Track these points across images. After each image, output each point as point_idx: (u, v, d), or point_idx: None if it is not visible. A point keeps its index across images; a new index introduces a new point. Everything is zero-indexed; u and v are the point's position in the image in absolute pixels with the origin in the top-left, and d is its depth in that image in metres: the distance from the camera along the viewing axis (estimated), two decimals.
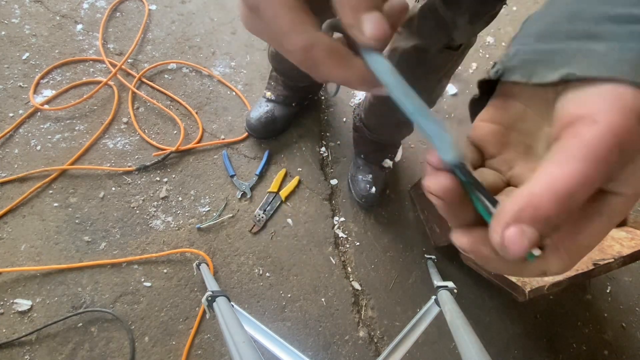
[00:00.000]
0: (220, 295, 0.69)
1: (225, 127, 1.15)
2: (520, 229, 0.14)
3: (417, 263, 1.04)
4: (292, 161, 1.13)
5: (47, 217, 0.99)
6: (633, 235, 0.82)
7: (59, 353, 0.87)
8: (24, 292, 0.92)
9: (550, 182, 0.14)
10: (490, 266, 0.18)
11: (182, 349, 0.90)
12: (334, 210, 1.09)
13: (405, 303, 1.00)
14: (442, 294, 0.71)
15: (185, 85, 1.20)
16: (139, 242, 0.99)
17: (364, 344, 0.95)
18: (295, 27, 0.18)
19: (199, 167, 1.09)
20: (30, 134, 1.08)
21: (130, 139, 1.10)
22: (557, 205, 0.14)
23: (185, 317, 0.93)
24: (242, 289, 0.97)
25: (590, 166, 0.14)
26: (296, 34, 0.18)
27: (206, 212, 1.04)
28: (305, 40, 0.18)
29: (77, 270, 0.95)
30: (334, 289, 1.00)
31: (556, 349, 0.99)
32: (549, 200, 0.14)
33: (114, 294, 0.93)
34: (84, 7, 1.27)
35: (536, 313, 1.02)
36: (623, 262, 0.72)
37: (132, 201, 1.03)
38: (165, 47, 1.24)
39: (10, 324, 0.89)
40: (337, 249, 1.05)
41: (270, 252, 1.02)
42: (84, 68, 1.18)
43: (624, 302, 1.04)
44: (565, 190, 0.14)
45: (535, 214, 0.14)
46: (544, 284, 0.69)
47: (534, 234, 0.14)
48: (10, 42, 1.19)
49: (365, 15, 0.17)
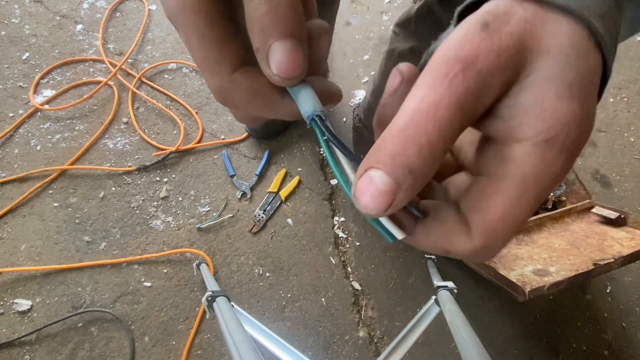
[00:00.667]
0: (220, 295, 0.69)
1: (225, 127, 1.15)
2: (367, 176, 0.12)
3: (417, 263, 1.04)
4: (292, 161, 1.13)
5: (47, 217, 0.99)
6: (633, 235, 0.81)
7: (59, 353, 0.87)
8: (24, 292, 0.92)
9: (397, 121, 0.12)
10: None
11: (182, 349, 0.90)
12: (334, 210, 1.09)
13: (405, 303, 1.00)
14: (442, 294, 0.71)
15: (185, 85, 1.20)
16: (139, 242, 0.99)
17: (364, 344, 0.95)
18: (208, 65, 0.15)
19: (199, 167, 1.09)
20: (30, 134, 1.08)
21: (130, 139, 1.10)
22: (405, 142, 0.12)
23: (185, 317, 0.93)
24: (242, 289, 0.97)
25: (434, 88, 0.12)
26: (210, 74, 0.15)
27: (206, 212, 1.04)
28: (218, 84, 0.15)
29: (77, 270, 0.95)
30: (334, 289, 1.00)
31: (556, 349, 0.98)
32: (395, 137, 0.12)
33: (114, 294, 0.93)
34: (84, 7, 1.27)
35: (536, 313, 1.02)
36: (623, 262, 0.72)
37: (132, 201, 1.03)
38: (165, 47, 1.24)
39: (10, 324, 0.89)
40: (337, 249, 1.05)
41: (270, 252, 1.02)
42: (84, 68, 1.18)
43: (624, 302, 1.04)
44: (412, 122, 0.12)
45: (383, 157, 0.12)
46: (544, 284, 0.69)
47: (385, 179, 0.12)
48: (10, 42, 1.19)
49: (276, 42, 0.14)
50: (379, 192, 0.12)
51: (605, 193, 1.17)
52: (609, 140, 1.25)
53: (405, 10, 0.71)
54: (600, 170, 1.21)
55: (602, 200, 1.12)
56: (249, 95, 0.16)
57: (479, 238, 0.14)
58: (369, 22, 1.37)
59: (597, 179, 1.19)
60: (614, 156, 1.23)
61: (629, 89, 1.34)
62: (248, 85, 0.15)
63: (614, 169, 1.21)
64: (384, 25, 1.37)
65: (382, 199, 0.12)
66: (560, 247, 0.83)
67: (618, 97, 1.33)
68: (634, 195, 1.17)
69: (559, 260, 0.79)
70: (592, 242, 0.82)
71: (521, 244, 0.89)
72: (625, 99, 1.33)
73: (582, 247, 0.81)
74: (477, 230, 0.14)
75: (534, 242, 0.89)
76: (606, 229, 0.86)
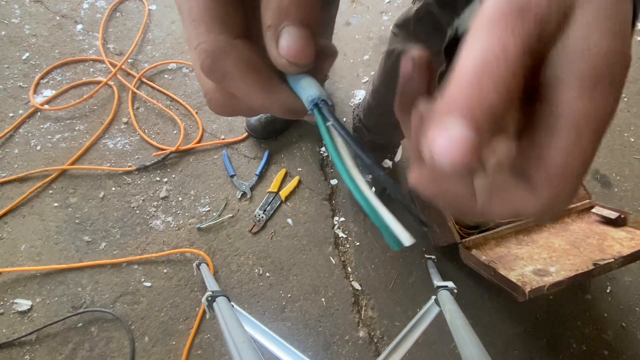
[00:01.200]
0: (220, 295, 0.69)
1: (225, 127, 1.15)
2: (442, 127, 0.12)
3: (417, 263, 1.04)
4: (292, 161, 1.13)
5: (47, 217, 0.99)
6: (633, 235, 0.81)
7: (59, 353, 0.87)
8: (24, 292, 0.92)
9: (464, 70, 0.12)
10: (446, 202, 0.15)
11: (182, 349, 0.90)
12: (334, 210, 1.09)
13: (405, 303, 1.00)
14: (442, 294, 0.71)
15: (185, 85, 1.20)
16: (139, 242, 0.99)
17: (364, 344, 0.95)
18: (210, 21, 0.14)
19: (199, 167, 1.09)
20: (30, 134, 1.08)
21: (130, 139, 1.10)
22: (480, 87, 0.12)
23: (185, 317, 0.93)
24: (242, 289, 0.97)
25: (497, 37, 0.12)
26: (208, 31, 0.14)
27: (206, 212, 1.04)
28: (216, 44, 0.14)
29: (77, 270, 0.95)
30: (334, 289, 1.00)
31: (556, 349, 0.98)
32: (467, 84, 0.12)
33: (114, 294, 0.93)
34: (84, 7, 1.27)
35: (536, 313, 1.02)
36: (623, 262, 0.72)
37: (132, 201, 1.03)
38: (165, 47, 1.24)
39: (10, 324, 0.89)
40: (337, 249, 1.05)
41: (270, 252, 1.02)
42: (84, 68, 1.18)
43: (624, 302, 1.04)
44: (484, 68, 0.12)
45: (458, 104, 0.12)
46: (544, 284, 0.69)
47: (463, 126, 0.12)
48: (10, 42, 1.19)
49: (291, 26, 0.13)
50: (462, 140, 0.12)
51: (605, 193, 1.17)
52: (609, 140, 1.25)
53: (405, 11, 0.71)
54: (600, 170, 1.21)
55: (602, 200, 1.12)
56: (246, 66, 0.14)
57: (545, 191, 0.13)
58: (369, 22, 1.37)
59: (597, 179, 1.19)
60: (614, 156, 1.23)
61: (629, 89, 1.34)
62: (248, 56, 0.14)
63: (614, 169, 1.21)
64: (384, 25, 1.37)
65: (464, 146, 0.11)
66: (560, 247, 0.83)
67: None
68: (634, 195, 1.17)
69: (559, 260, 0.79)
70: (592, 242, 0.82)
71: (521, 244, 0.89)
72: (625, 99, 1.33)
73: (582, 247, 0.81)
74: (542, 184, 0.13)
75: (534, 242, 0.89)
76: (606, 229, 0.86)
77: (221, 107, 0.17)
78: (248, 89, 0.15)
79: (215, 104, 0.17)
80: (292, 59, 0.14)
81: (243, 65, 0.14)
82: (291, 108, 0.15)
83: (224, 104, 0.17)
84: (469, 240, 0.88)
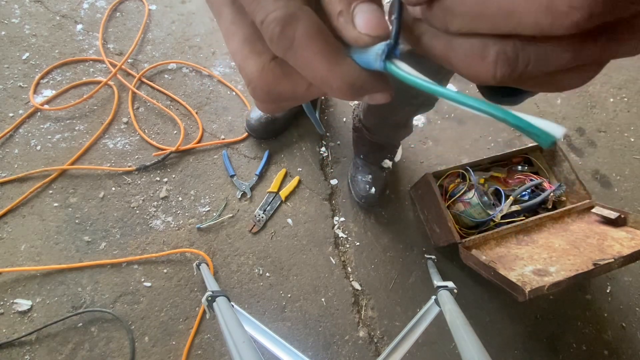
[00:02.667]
0: (220, 295, 0.69)
1: (225, 127, 1.15)
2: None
3: (417, 263, 1.04)
4: (292, 161, 1.13)
5: (47, 217, 0.99)
6: (633, 235, 0.81)
7: (59, 353, 0.87)
8: (24, 292, 0.92)
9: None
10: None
11: (182, 349, 0.90)
12: (334, 210, 1.09)
13: (405, 303, 1.00)
14: (442, 294, 0.71)
15: (185, 85, 1.20)
16: (139, 242, 0.99)
17: (364, 344, 0.95)
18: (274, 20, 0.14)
19: (199, 167, 1.09)
20: (30, 134, 1.08)
21: (130, 139, 1.10)
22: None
23: (185, 317, 0.93)
24: (242, 289, 0.97)
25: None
26: (273, 2, 0.14)
27: (206, 212, 1.04)
28: (284, 8, 0.14)
29: (77, 270, 0.95)
30: (334, 289, 1.00)
31: (556, 349, 0.99)
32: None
33: (114, 294, 0.93)
34: (84, 7, 1.27)
35: (536, 313, 1.02)
36: (623, 262, 0.72)
37: (132, 201, 1.03)
38: (165, 47, 1.24)
39: (10, 324, 0.89)
40: (337, 249, 1.05)
41: (270, 252, 1.02)
42: (84, 68, 1.18)
43: (624, 302, 1.04)
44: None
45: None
46: (544, 284, 0.69)
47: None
48: (10, 42, 1.19)
49: (361, 4, 0.14)
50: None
51: (605, 193, 1.17)
52: (609, 140, 1.25)
53: None
54: (600, 170, 1.21)
55: (602, 200, 1.12)
56: (317, 32, 0.14)
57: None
58: None
59: (597, 179, 1.19)
60: (614, 156, 1.23)
61: (629, 89, 1.34)
62: (318, 21, 0.14)
63: (614, 169, 1.21)
64: None
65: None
66: (560, 247, 0.83)
67: (618, 97, 1.33)
68: (634, 195, 1.17)
69: (559, 260, 0.79)
70: (592, 242, 0.82)
71: (521, 244, 0.89)
72: (625, 99, 1.33)
73: (582, 247, 0.81)
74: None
75: (534, 242, 0.89)
76: (606, 229, 0.86)
77: (266, 93, 0.16)
78: (314, 57, 0.14)
79: (261, 90, 0.16)
80: (373, 32, 0.14)
81: (314, 31, 0.14)
82: (353, 81, 0.15)
83: (269, 90, 0.16)
84: (469, 240, 0.88)
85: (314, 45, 0.14)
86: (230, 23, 0.16)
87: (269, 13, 0.14)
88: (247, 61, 0.16)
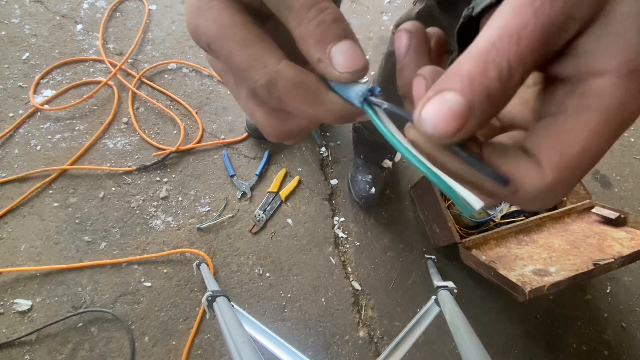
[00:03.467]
0: (220, 295, 0.69)
1: (225, 127, 1.15)
2: (440, 96, 0.12)
3: (417, 263, 1.04)
4: (292, 161, 1.13)
5: (47, 217, 0.99)
6: (633, 235, 0.81)
7: (59, 353, 0.87)
8: (24, 292, 0.92)
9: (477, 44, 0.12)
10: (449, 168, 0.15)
11: (182, 349, 0.90)
12: (334, 210, 1.09)
13: (405, 303, 1.00)
14: (442, 294, 0.71)
15: (185, 85, 1.20)
16: (139, 242, 0.99)
17: (364, 344, 0.95)
18: (253, 62, 0.16)
19: (199, 167, 1.09)
20: (30, 134, 1.08)
21: (130, 139, 1.10)
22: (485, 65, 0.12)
23: (185, 317, 0.93)
24: (242, 289, 0.97)
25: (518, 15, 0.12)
26: (255, 69, 0.16)
27: (206, 212, 1.04)
28: (264, 75, 0.15)
29: (77, 270, 0.95)
30: (334, 289, 1.00)
31: (556, 349, 0.99)
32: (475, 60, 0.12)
33: (114, 294, 0.93)
34: (84, 7, 1.27)
35: (536, 313, 1.02)
36: (623, 262, 0.72)
37: (132, 201, 1.03)
38: (165, 47, 1.24)
39: (10, 324, 0.89)
40: (337, 249, 1.05)
41: (270, 252, 1.02)
42: (84, 68, 1.18)
43: (624, 302, 1.04)
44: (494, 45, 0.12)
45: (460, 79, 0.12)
46: (544, 284, 0.69)
47: (459, 101, 0.12)
48: (10, 42, 1.19)
49: (334, 45, 0.15)
50: (452, 113, 0.12)
51: (605, 193, 1.17)
52: None
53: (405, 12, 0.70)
54: (600, 170, 1.21)
55: (602, 200, 1.12)
56: (295, 86, 0.16)
57: (552, 173, 0.13)
58: (369, 22, 1.37)
59: (597, 179, 1.19)
60: (614, 156, 1.23)
61: None
62: (294, 75, 0.16)
63: (614, 169, 1.21)
64: (384, 25, 1.37)
65: (453, 120, 0.12)
66: (560, 247, 0.83)
67: None
68: (634, 195, 1.17)
69: (559, 260, 0.79)
70: (592, 242, 0.82)
71: (521, 244, 0.89)
72: None
73: (582, 247, 0.81)
74: (551, 166, 0.13)
75: (534, 242, 0.89)
76: (606, 229, 0.86)
77: (277, 135, 0.19)
78: (300, 104, 0.16)
79: (272, 132, 0.19)
80: (351, 68, 0.15)
81: (292, 86, 0.16)
82: (341, 113, 0.17)
83: (279, 132, 0.19)
84: (469, 240, 0.88)
85: (296, 97, 0.16)
86: (234, 86, 0.18)
87: (255, 81, 0.16)
88: (255, 112, 0.18)
